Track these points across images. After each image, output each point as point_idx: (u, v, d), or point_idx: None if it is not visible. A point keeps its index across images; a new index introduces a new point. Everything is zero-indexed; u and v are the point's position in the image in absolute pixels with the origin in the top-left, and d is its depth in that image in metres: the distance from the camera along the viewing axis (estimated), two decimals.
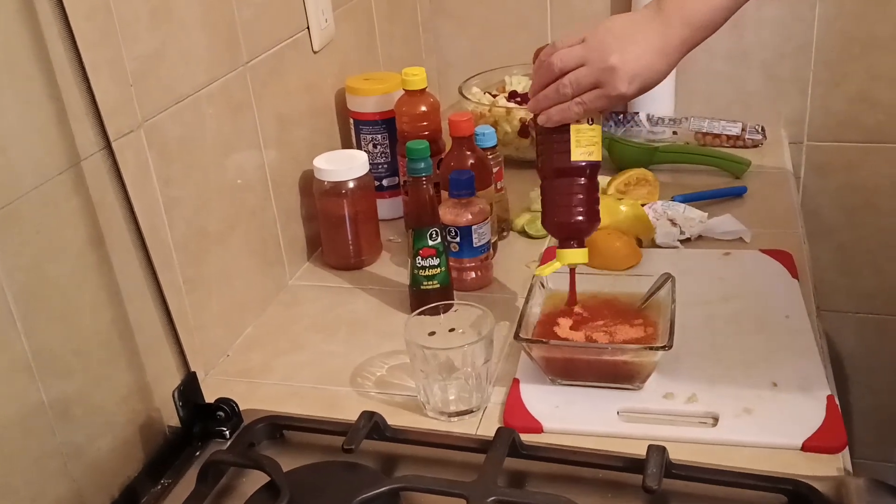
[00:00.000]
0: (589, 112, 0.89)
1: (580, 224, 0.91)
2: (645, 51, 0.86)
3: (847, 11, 1.41)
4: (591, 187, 0.92)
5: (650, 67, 0.86)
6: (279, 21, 1.11)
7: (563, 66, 0.88)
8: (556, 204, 0.92)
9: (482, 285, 1.09)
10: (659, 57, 0.86)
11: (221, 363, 1.00)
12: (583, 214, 0.91)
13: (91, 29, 0.77)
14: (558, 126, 0.90)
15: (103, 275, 0.78)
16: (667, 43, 0.86)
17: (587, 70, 0.87)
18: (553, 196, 0.92)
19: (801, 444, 0.79)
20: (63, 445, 0.73)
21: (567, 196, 0.91)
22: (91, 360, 0.77)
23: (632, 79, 0.86)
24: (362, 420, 0.80)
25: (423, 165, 1.01)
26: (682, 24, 0.86)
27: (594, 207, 0.92)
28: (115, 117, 0.79)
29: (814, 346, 0.92)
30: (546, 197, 0.93)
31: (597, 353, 0.88)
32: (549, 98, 0.89)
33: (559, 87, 0.88)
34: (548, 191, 0.93)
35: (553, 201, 0.92)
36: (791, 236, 1.15)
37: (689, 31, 0.86)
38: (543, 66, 0.90)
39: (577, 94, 0.87)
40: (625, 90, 0.86)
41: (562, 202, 0.91)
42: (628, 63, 0.85)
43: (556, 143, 0.91)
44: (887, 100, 1.44)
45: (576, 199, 0.91)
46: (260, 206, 1.07)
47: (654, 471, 0.72)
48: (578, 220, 0.91)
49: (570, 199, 0.91)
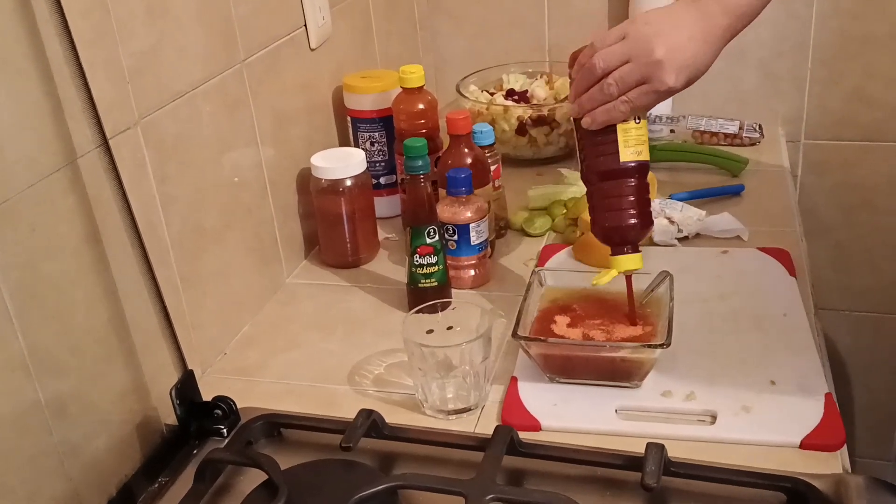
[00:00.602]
0: (636, 110, 0.86)
1: (634, 227, 0.88)
2: (689, 41, 0.84)
3: (844, 10, 1.41)
4: (642, 188, 0.89)
5: (696, 58, 0.84)
6: (276, 18, 1.10)
7: (607, 66, 0.85)
8: (606, 208, 0.89)
9: (480, 283, 1.09)
10: (704, 46, 0.84)
11: (218, 361, 0.99)
12: (636, 217, 0.88)
13: (87, 26, 0.76)
14: (603, 128, 0.87)
15: (100, 272, 0.78)
16: (709, 32, 0.84)
17: (632, 66, 0.84)
18: (602, 200, 0.89)
19: (800, 442, 0.79)
20: (59, 444, 0.73)
21: (618, 199, 0.88)
22: (87, 359, 0.77)
23: (679, 70, 0.84)
24: (360, 418, 0.80)
25: (420, 163, 1.01)
26: (722, 13, 0.85)
27: (647, 209, 0.89)
28: (111, 114, 0.79)
29: (812, 344, 0.92)
30: (594, 202, 0.90)
31: (595, 350, 0.88)
32: (593, 99, 0.86)
33: (603, 87, 0.85)
34: (596, 195, 0.90)
35: (603, 206, 0.89)
36: (788, 234, 1.15)
37: (730, 20, 0.85)
38: (585, 69, 0.87)
39: (623, 92, 0.85)
40: (673, 83, 0.84)
41: (613, 206, 0.88)
42: (674, 55, 0.83)
43: (601, 144, 0.88)
44: (884, 98, 1.44)
45: (627, 202, 0.88)
46: (257, 203, 1.07)
47: (652, 469, 0.71)
48: (632, 223, 0.88)
49: (621, 202, 0.88)
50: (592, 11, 1.52)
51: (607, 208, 0.89)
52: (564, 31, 1.55)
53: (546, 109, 1.37)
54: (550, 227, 1.21)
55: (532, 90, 1.43)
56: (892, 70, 1.43)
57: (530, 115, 1.36)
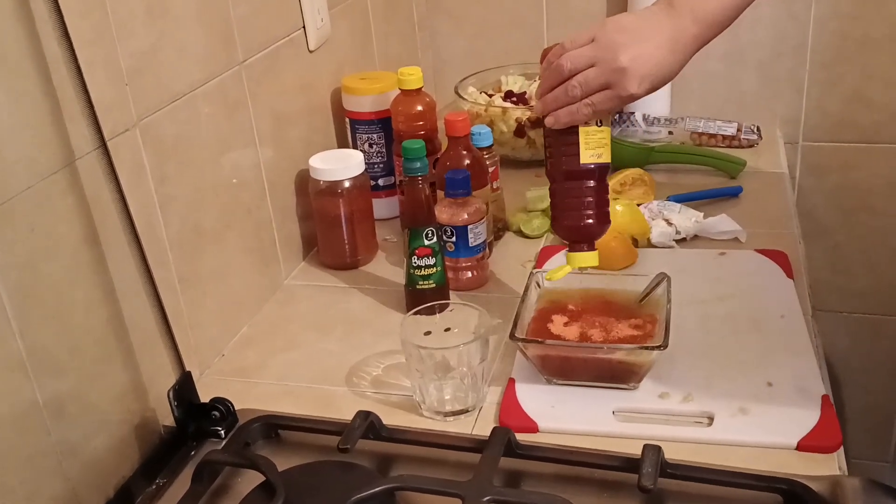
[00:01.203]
0: (598, 114, 0.88)
1: (590, 227, 0.90)
2: (656, 49, 0.84)
3: (842, 12, 1.41)
4: (601, 189, 0.91)
5: (661, 67, 0.85)
6: (275, 20, 1.11)
7: (573, 68, 0.86)
8: (565, 207, 0.91)
9: (478, 285, 1.09)
10: (670, 56, 0.85)
11: (217, 362, 0.99)
12: (593, 217, 0.90)
13: (86, 27, 0.77)
14: (567, 128, 0.89)
15: (98, 273, 0.78)
16: (678, 41, 0.85)
17: (597, 71, 0.85)
18: (562, 199, 0.91)
19: (796, 444, 0.79)
20: (58, 444, 0.73)
21: (577, 199, 0.90)
22: (86, 359, 0.77)
23: (642, 79, 0.84)
24: (358, 420, 0.80)
25: (418, 165, 1.01)
26: (693, 22, 0.85)
27: (604, 210, 0.91)
28: (110, 116, 0.79)
29: (809, 345, 0.92)
30: (555, 200, 0.92)
31: (592, 351, 0.88)
32: (557, 100, 0.88)
33: (568, 88, 0.86)
34: (557, 194, 0.92)
35: (563, 205, 0.91)
36: (786, 236, 1.16)
37: (700, 29, 0.85)
38: (552, 68, 0.88)
39: (586, 95, 0.86)
40: (635, 90, 0.85)
41: (571, 205, 0.90)
42: (639, 63, 0.84)
43: (564, 145, 0.90)
44: (882, 100, 1.45)
45: (585, 202, 0.90)
46: (255, 204, 1.07)
47: (649, 470, 0.72)
48: (588, 224, 0.90)
49: (579, 203, 0.90)
50: (591, 12, 1.52)
51: (567, 207, 0.91)
52: (563, 32, 1.54)
53: None
54: (548, 228, 1.21)
55: (530, 92, 1.44)
56: (890, 72, 1.43)
57: (529, 117, 1.36)
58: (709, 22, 0.85)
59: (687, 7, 0.85)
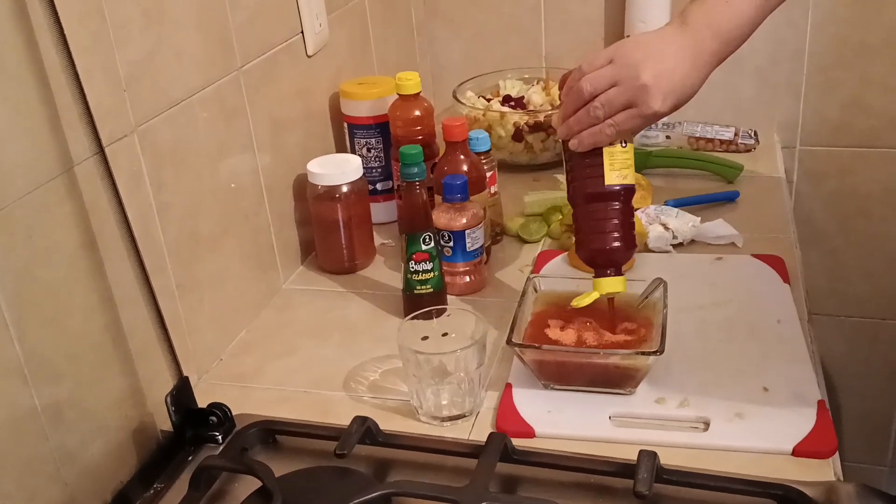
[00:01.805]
0: (622, 134, 0.87)
1: (617, 251, 0.88)
2: (677, 66, 0.84)
3: (840, 17, 1.41)
4: (627, 211, 0.89)
5: (683, 83, 0.84)
6: (273, 25, 1.11)
7: (594, 89, 0.86)
8: (590, 230, 0.89)
9: (475, 290, 1.10)
10: (692, 71, 0.84)
11: (214, 368, 1.00)
12: (620, 240, 0.88)
13: (84, 33, 0.77)
14: (591, 150, 0.88)
15: (96, 279, 0.78)
16: (698, 57, 0.84)
17: (619, 90, 0.84)
18: (587, 222, 0.89)
19: (792, 449, 0.79)
20: (55, 450, 0.73)
21: (602, 222, 0.88)
22: (83, 365, 0.77)
23: (666, 95, 0.84)
24: (355, 425, 0.80)
25: (416, 170, 1.01)
26: (711, 38, 0.84)
27: (630, 233, 0.89)
28: (108, 122, 0.80)
29: (805, 351, 0.92)
30: (579, 224, 0.91)
31: (588, 356, 0.88)
32: (580, 122, 0.87)
33: (590, 109, 0.86)
34: (581, 217, 0.90)
35: (587, 228, 0.89)
36: (783, 241, 1.16)
37: (719, 44, 0.84)
38: (573, 92, 0.87)
39: (609, 115, 0.85)
40: (659, 107, 0.84)
41: (597, 228, 0.88)
42: (661, 80, 0.83)
43: (588, 167, 0.88)
44: (880, 105, 1.45)
45: (611, 225, 0.88)
46: (253, 210, 1.08)
47: (644, 476, 0.72)
48: (616, 247, 0.88)
49: (605, 225, 0.88)
50: (589, 18, 1.52)
51: (592, 230, 0.89)
52: (561, 37, 1.55)
53: (542, 115, 1.37)
54: (546, 233, 1.22)
55: (528, 96, 1.44)
56: (887, 78, 1.43)
57: (527, 122, 1.37)
58: (728, 38, 0.85)
59: (703, 23, 0.84)
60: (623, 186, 0.88)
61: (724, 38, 0.85)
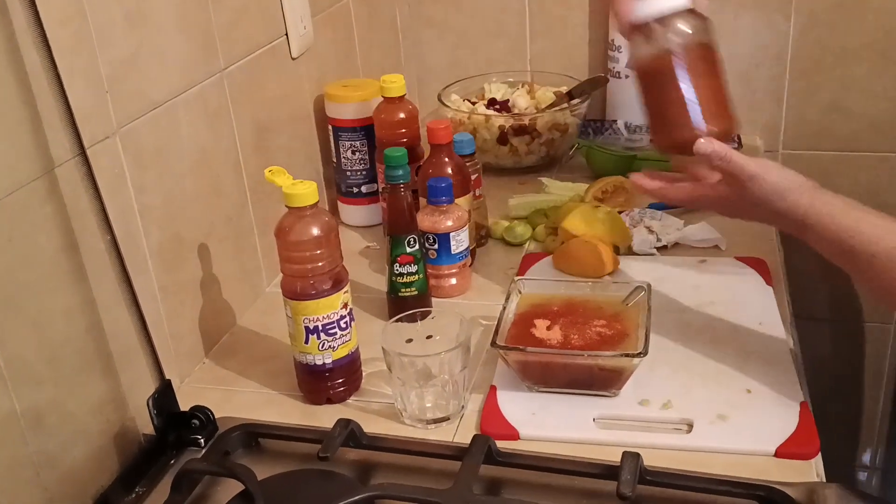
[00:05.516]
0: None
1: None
2: (756, 213, 0.88)
3: (821, 22, 1.43)
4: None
5: (744, 217, 0.90)
6: (257, 27, 1.10)
7: (712, 181, 0.89)
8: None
9: (460, 292, 1.10)
10: (761, 218, 0.89)
11: (197, 371, 0.99)
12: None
13: (66, 35, 0.76)
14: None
15: (77, 282, 0.78)
16: (781, 218, 0.87)
17: (723, 188, 0.88)
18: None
19: (775, 451, 0.79)
20: (36, 454, 0.72)
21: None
22: (64, 368, 0.76)
23: (733, 215, 0.91)
24: (338, 428, 0.80)
25: (400, 172, 1.01)
26: (804, 217, 0.85)
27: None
28: (89, 124, 0.79)
29: (787, 353, 0.93)
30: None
31: (572, 357, 0.88)
32: (682, 192, 0.92)
33: (694, 196, 0.91)
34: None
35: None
36: (766, 243, 1.16)
37: (797, 229, 0.86)
38: (707, 156, 0.87)
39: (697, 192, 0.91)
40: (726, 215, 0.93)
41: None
42: (743, 216, 0.90)
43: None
44: (861, 109, 1.46)
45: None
46: (237, 213, 1.07)
47: (628, 477, 0.72)
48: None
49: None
50: (574, 23, 1.53)
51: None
52: (546, 41, 1.56)
53: (527, 119, 1.37)
54: (531, 235, 1.22)
55: (513, 100, 1.44)
56: (868, 82, 1.44)
57: (511, 125, 1.37)
58: (811, 232, 0.85)
59: (814, 214, 0.85)
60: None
61: (809, 229, 0.85)
